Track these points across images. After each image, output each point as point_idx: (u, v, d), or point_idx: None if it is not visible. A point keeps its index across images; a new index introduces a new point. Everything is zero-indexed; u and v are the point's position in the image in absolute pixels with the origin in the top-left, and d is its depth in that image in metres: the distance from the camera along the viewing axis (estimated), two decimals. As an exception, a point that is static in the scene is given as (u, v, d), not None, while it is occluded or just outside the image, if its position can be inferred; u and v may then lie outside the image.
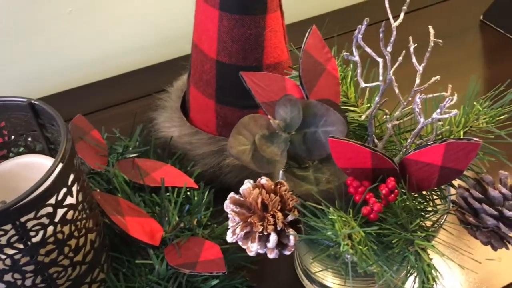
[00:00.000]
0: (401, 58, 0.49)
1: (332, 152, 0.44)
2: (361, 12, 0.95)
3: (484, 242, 0.44)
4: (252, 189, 0.44)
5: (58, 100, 0.80)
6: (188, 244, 0.52)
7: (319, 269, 0.52)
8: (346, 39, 0.50)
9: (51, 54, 0.83)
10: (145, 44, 0.87)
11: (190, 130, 0.65)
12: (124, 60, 0.87)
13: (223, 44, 0.58)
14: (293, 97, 0.46)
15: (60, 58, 0.84)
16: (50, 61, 0.83)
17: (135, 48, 0.87)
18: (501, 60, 0.86)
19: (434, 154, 0.43)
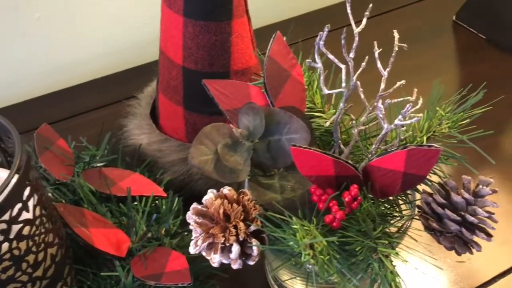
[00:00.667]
0: (364, 63, 0.48)
1: (294, 160, 0.44)
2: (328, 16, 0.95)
3: (447, 248, 0.44)
4: (214, 199, 0.43)
5: (25, 109, 0.79)
6: (155, 254, 0.51)
7: (287, 277, 0.51)
8: (313, 44, 0.50)
9: (17, 62, 0.82)
10: (115, 49, 0.86)
11: (159, 138, 0.64)
12: (94, 66, 0.86)
13: (188, 51, 0.57)
14: (256, 105, 0.46)
15: (26, 66, 0.82)
16: (16, 69, 0.82)
17: (105, 54, 0.86)
18: (474, 60, 0.87)
19: (396, 161, 0.43)
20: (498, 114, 0.77)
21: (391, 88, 0.49)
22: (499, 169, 0.69)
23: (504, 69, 0.84)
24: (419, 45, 0.89)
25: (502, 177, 0.68)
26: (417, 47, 0.88)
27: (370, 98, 0.48)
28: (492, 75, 0.83)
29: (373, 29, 0.57)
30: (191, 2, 0.54)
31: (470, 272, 0.58)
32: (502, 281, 0.58)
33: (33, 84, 0.83)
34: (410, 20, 0.95)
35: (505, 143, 0.73)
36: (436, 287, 0.57)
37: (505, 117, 0.77)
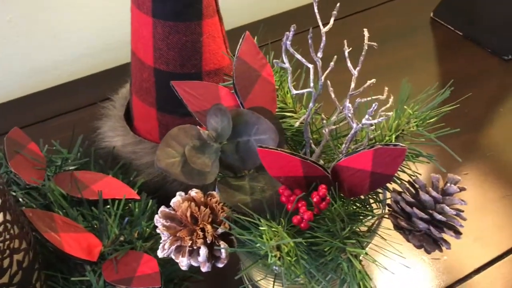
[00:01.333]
0: (333, 63, 0.48)
1: (262, 161, 0.43)
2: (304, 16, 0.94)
3: (416, 246, 0.44)
4: (181, 202, 0.43)
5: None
6: (126, 258, 0.51)
7: (260, 278, 0.51)
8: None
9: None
10: (89, 51, 0.86)
11: (133, 139, 0.64)
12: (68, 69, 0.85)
13: (159, 52, 0.57)
14: (223, 106, 0.45)
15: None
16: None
17: (79, 56, 0.86)
18: (452, 57, 0.87)
19: (363, 160, 0.43)
20: (475, 110, 0.77)
21: (361, 87, 0.49)
22: (475, 165, 0.70)
23: (481, 66, 0.85)
24: (396, 43, 0.89)
25: (478, 173, 0.69)
26: (394, 45, 0.89)
27: (344, 98, 0.48)
28: (469, 71, 0.84)
29: (351, 27, 0.57)
30: (159, 2, 0.54)
31: (446, 269, 0.59)
32: (477, 277, 0.58)
33: (5, 88, 0.82)
34: (389, 17, 0.95)
35: (482, 139, 0.73)
36: (412, 285, 0.58)
37: (482, 114, 0.77)
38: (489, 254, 0.60)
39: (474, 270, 0.58)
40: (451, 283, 0.57)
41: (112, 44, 0.86)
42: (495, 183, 0.67)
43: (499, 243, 0.61)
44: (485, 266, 0.58)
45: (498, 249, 0.60)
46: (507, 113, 0.77)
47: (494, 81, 0.82)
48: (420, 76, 0.83)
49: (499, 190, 0.66)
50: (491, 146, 0.72)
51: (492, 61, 0.85)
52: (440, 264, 0.59)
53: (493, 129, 0.75)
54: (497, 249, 0.60)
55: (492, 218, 0.64)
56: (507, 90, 0.81)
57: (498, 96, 0.80)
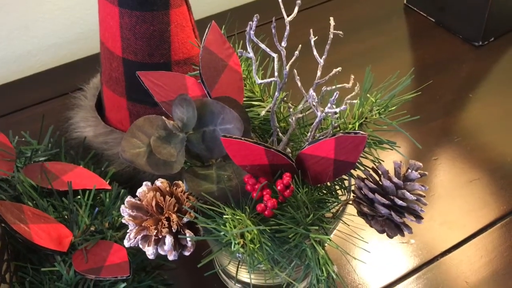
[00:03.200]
0: (297, 52, 0.49)
1: (227, 150, 0.44)
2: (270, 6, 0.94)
3: (379, 231, 0.45)
4: (147, 192, 0.43)
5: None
6: (96, 248, 0.51)
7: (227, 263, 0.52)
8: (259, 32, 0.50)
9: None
10: (60, 41, 0.85)
11: (104, 130, 0.64)
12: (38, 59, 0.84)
13: (127, 42, 0.56)
14: (188, 96, 0.46)
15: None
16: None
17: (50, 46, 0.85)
18: (424, 44, 0.88)
19: (326, 148, 0.43)
20: (445, 96, 0.79)
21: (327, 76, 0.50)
22: (444, 150, 0.71)
23: (453, 52, 0.86)
24: (370, 30, 0.90)
25: (447, 158, 0.70)
26: (368, 32, 0.89)
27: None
28: (440, 58, 0.85)
29: (326, 15, 0.57)
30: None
31: (413, 252, 0.60)
32: (444, 259, 0.59)
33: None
34: (362, 4, 0.95)
35: (451, 125, 0.75)
36: (380, 268, 0.59)
37: (452, 100, 0.78)
38: (456, 238, 0.61)
39: (441, 253, 0.60)
40: (419, 265, 0.59)
41: (84, 33, 0.86)
42: (463, 168, 0.69)
43: (465, 227, 0.62)
44: (451, 249, 0.60)
45: (464, 232, 0.62)
46: (476, 99, 0.78)
47: (465, 68, 0.84)
48: (393, 62, 0.83)
49: (466, 174, 0.68)
50: (459, 131, 0.74)
51: (463, 47, 0.86)
52: (408, 247, 0.61)
53: (462, 114, 0.76)
54: (463, 233, 0.62)
55: (459, 202, 0.65)
56: (477, 76, 0.82)
57: (468, 82, 0.81)
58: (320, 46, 0.48)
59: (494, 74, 0.82)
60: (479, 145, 0.72)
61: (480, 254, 0.60)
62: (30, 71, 0.83)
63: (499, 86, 0.80)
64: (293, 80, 0.50)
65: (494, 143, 0.72)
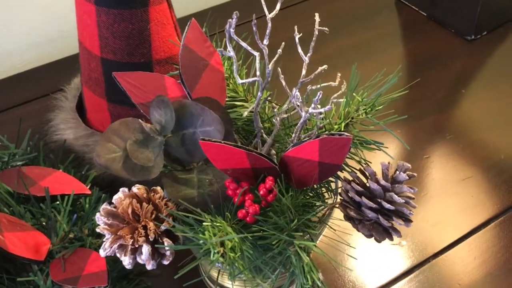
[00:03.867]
0: (281, 50, 0.47)
1: (207, 154, 0.42)
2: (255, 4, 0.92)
3: (366, 235, 0.44)
4: (123, 199, 0.41)
5: None
6: (74, 256, 0.49)
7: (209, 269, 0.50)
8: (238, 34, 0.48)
9: None
10: (42, 39, 0.82)
11: (85, 132, 0.62)
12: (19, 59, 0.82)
13: (105, 41, 0.54)
14: (165, 98, 0.44)
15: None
16: None
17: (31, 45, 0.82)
18: (416, 38, 0.86)
19: (310, 151, 0.42)
20: (437, 92, 0.77)
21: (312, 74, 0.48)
22: (436, 148, 0.69)
23: (445, 47, 0.84)
24: (361, 24, 0.88)
25: (439, 156, 0.68)
26: (359, 26, 0.87)
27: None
28: (432, 52, 0.83)
29: (316, 9, 0.55)
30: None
31: (404, 255, 0.58)
32: (436, 261, 0.58)
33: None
34: (353, -1, 0.93)
35: (443, 122, 0.73)
36: (371, 271, 0.57)
37: (444, 96, 0.77)
38: (448, 238, 0.60)
39: (433, 254, 0.58)
40: (411, 267, 0.57)
41: (67, 31, 0.83)
42: (455, 165, 0.67)
43: (458, 227, 0.61)
44: (444, 250, 0.58)
45: (457, 232, 0.60)
46: (469, 95, 0.77)
47: (457, 62, 0.82)
48: (384, 57, 0.82)
49: (459, 172, 0.66)
50: (451, 128, 0.72)
51: (455, 41, 0.84)
52: (400, 249, 0.59)
53: (454, 111, 0.75)
54: (456, 233, 0.60)
55: (452, 201, 0.63)
56: (469, 71, 0.80)
57: (460, 78, 0.80)
58: (307, 43, 0.46)
59: (487, 69, 0.81)
60: (472, 142, 0.70)
61: (473, 255, 0.58)
62: (11, 71, 0.81)
63: (492, 81, 0.79)
64: (277, 79, 0.48)
65: (488, 140, 0.70)
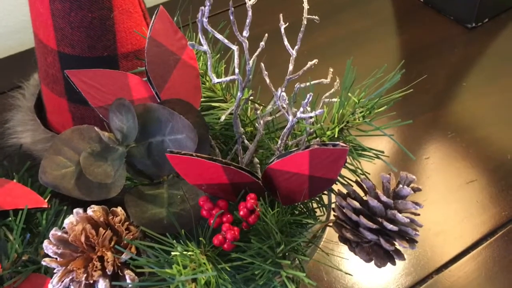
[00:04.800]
0: (263, 43, 0.40)
1: (176, 169, 0.35)
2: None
3: (365, 260, 0.37)
4: (75, 224, 0.35)
5: None
6: (28, 284, 0.42)
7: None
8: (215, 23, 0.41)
9: None
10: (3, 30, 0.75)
11: (45, 135, 0.54)
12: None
13: (61, 32, 0.47)
14: (126, 101, 0.37)
15: None
16: None
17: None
18: (412, 26, 0.79)
19: (299, 163, 0.35)
20: (436, 86, 0.71)
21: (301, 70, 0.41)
22: (437, 148, 0.63)
23: (443, 35, 0.78)
24: (353, 12, 0.81)
25: (440, 157, 0.62)
26: (351, 14, 0.81)
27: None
28: (430, 41, 0.77)
29: None
30: (51, -28, 0.44)
31: (404, 271, 0.52)
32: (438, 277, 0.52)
33: None
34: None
35: (443, 118, 0.67)
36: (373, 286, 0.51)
37: (443, 89, 0.70)
38: (452, 250, 0.54)
39: (435, 269, 0.52)
40: (411, 285, 0.51)
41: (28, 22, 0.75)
42: (458, 167, 0.61)
43: (462, 237, 0.55)
44: (447, 265, 0.53)
45: (461, 244, 0.54)
46: (470, 88, 0.71)
47: (457, 52, 0.75)
48: (377, 48, 0.75)
49: (462, 175, 0.60)
50: (453, 125, 0.66)
51: (454, 29, 0.78)
52: (398, 265, 0.53)
53: (455, 106, 0.69)
54: (460, 244, 0.54)
55: (455, 207, 0.58)
56: (470, 62, 0.74)
57: (460, 69, 0.73)
58: (295, 33, 0.39)
59: (490, 60, 0.74)
60: (475, 141, 0.64)
61: (479, 270, 0.52)
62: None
63: (495, 72, 0.72)
64: (261, 75, 0.41)
65: (492, 137, 0.64)
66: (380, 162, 0.39)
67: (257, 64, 0.42)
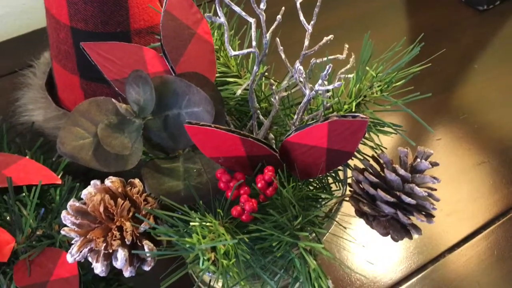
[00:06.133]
0: (280, 16, 0.40)
1: (194, 140, 0.35)
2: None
3: (382, 234, 0.37)
4: (93, 194, 0.35)
5: None
6: (42, 257, 0.42)
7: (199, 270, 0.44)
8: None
9: None
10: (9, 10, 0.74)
11: (56, 113, 0.54)
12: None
13: (74, 7, 0.47)
14: (143, 73, 0.36)
15: None
16: None
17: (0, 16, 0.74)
18: (423, 8, 0.79)
19: (317, 136, 0.35)
20: (447, 68, 0.70)
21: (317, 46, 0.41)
22: (448, 130, 0.63)
23: (454, 18, 0.77)
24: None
25: (452, 138, 0.62)
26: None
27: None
28: (441, 24, 0.76)
29: None
30: None
31: (417, 249, 0.52)
32: (451, 256, 0.52)
33: None
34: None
35: (454, 100, 0.67)
36: (380, 267, 0.51)
37: (454, 72, 0.70)
38: (464, 230, 0.54)
39: (448, 248, 0.52)
40: (423, 264, 0.51)
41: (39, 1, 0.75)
42: (469, 149, 0.61)
43: (474, 217, 0.55)
44: (459, 244, 0.53)
45: (473, 223, 0.54)
46: (481, 71, 0.70)
47: (468, 35, 0.75)
48: (388, 30, 0.75)
49: (474, 156, 0.60)
50: (464, 107, 0.66)
51: (466, 12, 0.77)
52: (411, 243, 0.53)
53: (466, 88, 0.68)
54: (472, 224, 0.54)
55: (467, 188, 0.57)
56: (482, 44, 0.74)
57: (472, 51, 0.73)
58: (307, 12, 0.39)
59: (501, 42, 0.74)
60: (487, 123, 0.64)
61: (491, 249, 0.52)
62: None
63: (507, 55, 0.72)
64: (276, 52, 0.41)
65: (504, 119, 0.64)
66: (395, 139, 0.39)
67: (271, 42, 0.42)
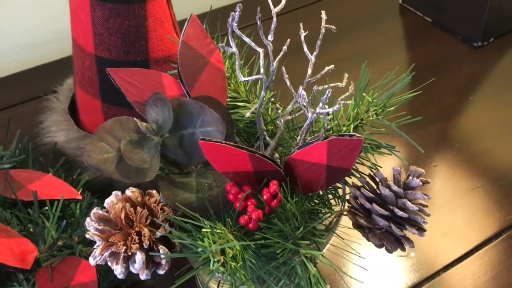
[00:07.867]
0: (286, 47, 0.44)
1: (206, 156, 0.39)
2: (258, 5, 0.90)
3: (377, 245, 0.41)
4: (115, 203, 0.38)
5: None
6: (63, 265, 0.46)
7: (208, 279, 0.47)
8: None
9: None
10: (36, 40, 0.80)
11: (77, 134, 0.59)
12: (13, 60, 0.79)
13: (99, 37, 0.52)
14: (163, 95, 0.41)
15: None
16: None
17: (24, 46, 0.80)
18: (421, 44, 0.84)
19: (317, 153, 0.39)
20: (444, 99, 0.74)
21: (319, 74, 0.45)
22: (444, 156, 0.67)
23: (451, 53, 0.82)
24: (365, 29, 0.86)
25: (447, 165, 0.66)
26: (363, 31, 0.85)
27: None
28: (438, 59, 0.81)
29: (316, 15, 0.53)
30: (95, -18, 0.49)
31: (413, 267, 0.55)
32: (446, 274, 0.55)
33: None
34: (357, 3, 0.91)
35: (451, 129, 0.70)
36: (378, 284, 0.54)
37: (451, 103, 0.74)
38: (458, 250, 0.57)
39: (443, 267, 0.55)
40: (419, 281, 0.54)
41: (61, 32, 0.80)
42: (464, 174, 0.64)
43: (468, 238, 0.58)
44: (454, 263, 0.55)
45: (468, 244, 0.57)
46: (477, 102, 0.74)
47: (464, 69, 0.79)
48: (388, 63, 0.79)
49: (468, 182, 0.63)
50: (460, 136, 0.69)
51: (461, 48, 0.82)
52: (408, 261, 0.56)
53: (462, 118, 0.72)
54: (467, 245, 0.57)
55: (461, 211, 0.61)
56: (477, 78, 0.78)
57: (468, 84, 0.77)
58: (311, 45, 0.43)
59: (495, 76, 0.78)
60: (480, 151, 0.67)
61: (485, 268, 0.55)
62: (4, 73, 0.78)
63: (501, 88, 0.76)
64: (281, 79, 0.45)
65: (497, 148, 0.68)
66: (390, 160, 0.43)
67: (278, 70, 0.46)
